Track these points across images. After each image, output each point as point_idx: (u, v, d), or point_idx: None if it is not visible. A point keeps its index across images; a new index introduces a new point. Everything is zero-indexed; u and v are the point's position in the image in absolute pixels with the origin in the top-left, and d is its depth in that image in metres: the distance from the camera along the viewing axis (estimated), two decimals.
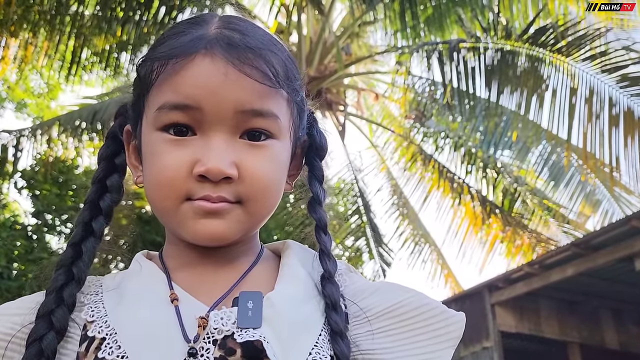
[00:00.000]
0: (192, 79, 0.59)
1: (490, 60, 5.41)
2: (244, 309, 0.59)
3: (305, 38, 6.52)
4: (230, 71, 0.59)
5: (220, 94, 0.59)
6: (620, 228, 4.56)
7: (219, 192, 0.60)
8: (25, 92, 12.19)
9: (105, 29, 6.22)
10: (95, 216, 0.67)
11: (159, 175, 0.61)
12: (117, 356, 0.56)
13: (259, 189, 0.62)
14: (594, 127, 4.97)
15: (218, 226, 0.61)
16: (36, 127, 7.23)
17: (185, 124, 0.61)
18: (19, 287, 6.89)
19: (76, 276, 0.62)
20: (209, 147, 0.59)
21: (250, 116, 0.61)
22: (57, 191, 8.17)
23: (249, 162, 0.61)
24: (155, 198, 0.64)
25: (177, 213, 0.61)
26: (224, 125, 0.60)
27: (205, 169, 0.59)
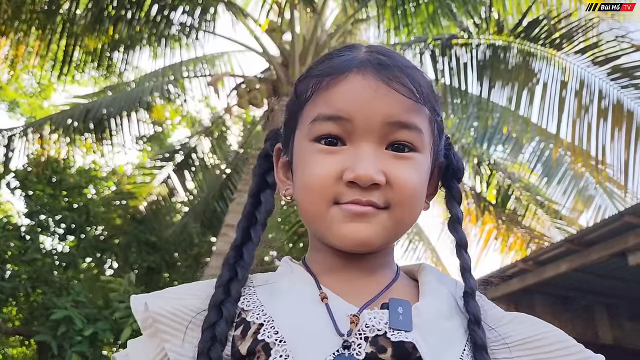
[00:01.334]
0: (345, 94, 0.66)
1: (482, 56, 5.42)
2: (395, 313, 0.62)
3: (298, 36, 6.51)
4: (380, 87, 0.65)
5: (371, 107, 0.65)
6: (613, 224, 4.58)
7: (368, 197, 0.64)
8: (17, 91, 12.11)
9: (97, 28, 6.18)
10: (252, 224, 0.74)
11: (309, 180, 0.67)
12: (275, 340, 0.61)
13: (406, 196, 0.66)
14: (582, 120, 5.00)
15: (364, 230, 0.65)
16: (28, 126, 7.19)
17: (336, 135, 0.66)
18: (12, 288, 6.85)
19: (239, 274, 0.69)
20: (358, 155, 0.64)
21: (396, 128, 0.65)
22: (51, 191, 8.12)
23: (395, 171, 0.65)
24: (305, 203, 0.68)
25: (326, 217, 0.66)
26: (372, 136, 0.65)
27: (355, 175, 0.63)
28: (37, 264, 7.26)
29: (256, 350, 0.61)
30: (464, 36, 5.46)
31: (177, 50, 6.83)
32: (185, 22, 6.36)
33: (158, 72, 7.51)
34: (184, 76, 7.53)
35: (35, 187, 8.02)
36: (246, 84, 6.52)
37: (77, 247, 8.35)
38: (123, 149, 7.50)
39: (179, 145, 8.59)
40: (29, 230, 7.87)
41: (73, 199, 8.40)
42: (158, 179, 8.42)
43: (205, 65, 7.83)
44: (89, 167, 9.14)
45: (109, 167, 10.03)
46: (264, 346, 0.61)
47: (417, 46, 5.59)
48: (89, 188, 8.93)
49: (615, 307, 5.72)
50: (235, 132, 9.72)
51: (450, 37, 5.49)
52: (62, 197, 8.36)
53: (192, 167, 8.38)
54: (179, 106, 9.01)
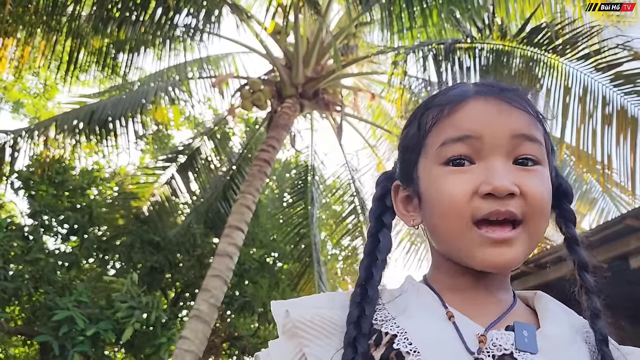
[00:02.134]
0: (470, 116, 0.69)
1: (486, 61, 5.43)
2: (520, 335, 0.65)
3: (302, 38, 6.54)
4: (502, 105, 0.69)
5: (497, 123, 0.68)
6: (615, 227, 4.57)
7: (506, 206, 0.66)
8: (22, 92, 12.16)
9: (101, 30, 6.21)
10: (374, 263, 0.76)
11: (443, 201, 0.68)
12: (409, 350, 0.64)
13: (539, 206, 0.68)
14: (587, 125, 5.00)
15: (508, 253, 0.66)
16: (33, 127, 7.23)
17: (465, 156, 0.68)
18: (15, 288, 6.88)
19: (367, 310, 0.71)
20: (490, 169, 0.67)
21: (522, 141, 0.68)
22: (54, 192, 8.16)
23: (526, 182, 0.67)
24: (442, 225, 0.70)
25: (465, 239, 0.67)
26: (501, 151, 0.68)
27: (491, 187, 0.65)
28: (39, 264, 7.29)
29: (390, 357, 0.64)
30: (467, 41, 5.48)
31: (181, 52, 6.87)
32: (189, 24, 6.39)
33: (162, 73, 7.54)
34: (188, 77, 7.56)
35: (39, 188, 8.06)
36: (250, 86, 6.55)
37: (80, 248, 8.38)
38: (127, 150, 7.52)
39: (182, 146, 8.62)
40: (32, 230, 7.91)
41: (76, 199, 8.43)
42: (161, 179, 8.45)
43: (209, 66, 7.86)
44: (92, 167, 9.18)
45: (112, 168, 10.07)
46: (397, 354, 0.64)
47: (420, 50, 5.61)
48: (92, 189, 8.96)
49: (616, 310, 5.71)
50: (238, 133, 9.75)
51: (453, 41, 5.50)
52: (65, 198, 8.40)
53: (196, 168, 8.41)
54: (182, 107, 9.05)
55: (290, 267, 9.35)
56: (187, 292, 9.70)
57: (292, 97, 6.41)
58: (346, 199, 8.68)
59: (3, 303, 6.93)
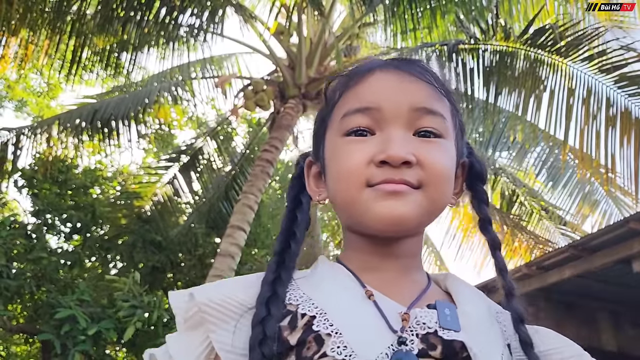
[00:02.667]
0: (371, 87, 0.70)
1: (489, 62, 5.42)
2: (443, 313, 0.64)
3: (305, 39, 6.54)
4: (404, 77, 0.70)
5: (397, 95, 0.69)
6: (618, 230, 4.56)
7: (400, 175, 0.66)
8: (25, 91, 12.19)
9: (106, 29, 6.22)
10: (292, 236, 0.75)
11: (341, 169, 0.69)
12: (331, 331, 0.61)
13: (437, 175, 0.67)
14: (591, 127, 4.99)
15: (400, 206, 0.65)
16: (36, 125, 7.24)
17: (366, 127, 0.69)
18: (18, 286, 6.89)
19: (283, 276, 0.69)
20: (388, 139, 0.67)
21: (423, 113, 0.69)
22: (57, 190, 8.17)
23: (425, 152, 0.67)
24: (339, 191, 0.70)
25: (360, 200, 0.67)
26: (400, 122, 0.68)
27: (386, 155, 0.65)
28: (42, 262, 7.30)
29: (307, 340, 0.61)
30: (471, 42, 5.47)
31: (185, 52, 6.88)
32: (193, 24, 6.40)
33: (165, 73, 7.55)
34: (191, 77, 7.57)
35: (42, 186, 8.07)
36: (253, 86, 6.54)
37: (82, 246, 8.40)
38: (129, 149, 7.53)
39: (185, 146, 8.63)
40: (35, 228, 7.92)
41: (79, 198, 8.44)
42: (164, 179, 8.46)
43: (213, 66, 7.86)
44: (94, 166, 9.20)
45: (115, 167, 10.08)
46: (316, 337, 0.61)
47: (423, 51, 5.60)
48: (95, 188, 8.98)
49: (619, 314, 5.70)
50: (241, 133, 9.76)
51: (456, 42, 5.49)
52: (68, 197, 8.41)
53: (198, 168, 8.42)
54: (185, 107, 9.06)
55: None
56: None
57: (295, 97, 6.40)
58: None
59: (5, 301, 6.94)
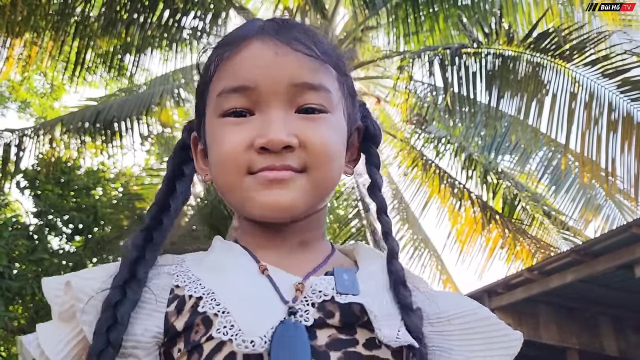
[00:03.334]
0: (246, 62, 0.64)
1: (492, 66, 5.42)
2: (341, 279, 0.61)
3: None
4: (280, 49, 0.64)
5: (273, 70, 0.63)
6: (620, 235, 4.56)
7: (282, 161, 0.62)
8: (29, 92, 12.23)
9: (109, 31, 6.24)
10: (165, 210, 0.71)
11: (220, 153, 0.65)
12: (218, 311, 0.58)
13: (322, 155, 0.64)
14: (592, 131, 4.99)
15: (283, 195, 0.62)
16: (39, 127, 7.26)
17: (243, 108, 0.64)
18: (19, 287, 6.90)
19: (147, 255, 0.65)
20: (267, 121, 0.63)
21: (304, 89, 0.64)
22: (59, 191, 8.18)
23: (308, 132, 0.63)
24: (219, 176, 0.66)
25: (242, 187, 0.64)
26: (280, 100, 0.63)
27: (265, 141, 0.61)
28: (44, 263, 7.31)
29: (195, 323, 0.58)
30: (474, 46, 5.47)
31: (188, 54, 6.90)
32: (196, 27, 6.42)
33: (168, 75, 7.57)
34: (194, 80, 7.58)
35: (44, 187, 8.09)
36: None
37: (84, 248, 8.41)
38: (132, 151, 7.55)
39: None
40: (37, 229, 7.94)
41: (81, 199, 8.46)
42: None
43: None
44: (97, 168, 9.21)
45: (117, 168, 10.10)
46: (204, 319, 0.58)
47: (426, 54, 5.61)
48: (97, 189, 8.99)
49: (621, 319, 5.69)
50: None
51: (459, 46, 5.50)
52: (70, 198, 8.43)
53: None
54: (188, 109, 9.07)
55: None
56: None
57: None
58: (350, 202, 8.68)
59: (7, 302, 6.94)
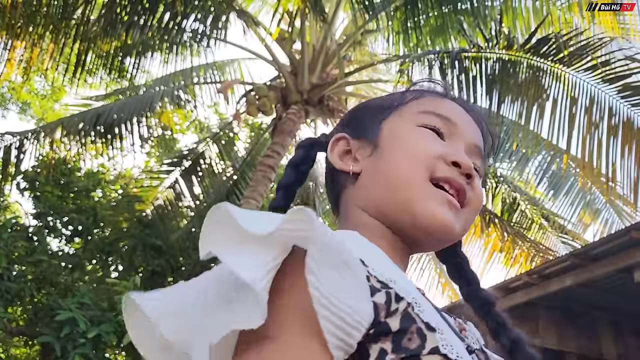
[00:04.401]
0: (447, 106, 0.76)
1: (492, 70, 5.43)
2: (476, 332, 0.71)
3: (307, 45, 6.56)
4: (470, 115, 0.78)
5: (468, 125, 0.76)
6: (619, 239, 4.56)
7: (464, 185, 0.70)
8: (30, 93, 12.24)
9: (110, 33, 6.25)
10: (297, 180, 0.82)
11: (411, 149, 0.71)
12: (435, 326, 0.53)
13: (479, 200, 0.73)
14: (593, 136, 4.99)
15: (455, 221, 0.69)
16: (39, 129, 7.27)
17: (440, 131, 0.73)
18: (18, 289, 6.89)
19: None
20: (460, 149, 0.72)
21: (477, 152, 0.76)
22: (59, 193, 8.19)
23: (474, 184, 0.73)
24: (401, 171, 0.70)
25: (421, 189, 0.68)
26: (465, 146, 0.74)
27: (459, 159, 0.70)
28: (43, 265, 7.31)
29: (409, 330, 0.52)
30: (473, 50, 5.49)
31: (188, 57, 6.91)
32: (196, 29, 6.43)
33: (168, 77, 7.59)
34: (194, 82, 7.60)
35: (44, 189, 8.09)
36: (255, 92, 6.57)
37: (83, 249, 8.40)
38: (132, 153, 7.55)
39: (187, 150, 8.65)
40: (36, 231, 7.93)
41: (81, 201, 8.46)
42: (165, 183, 8.47)
43: (216, 72, 7.89)
44: (97, 170, 9.22)
45: (117, 170, 10.10)
46: (418, 329, 0.52)
47: (426, 59, 5.62)
48: (97, 191, 8.99)
49: (619, 324, 5.68)
50: (242, 138, 9.77)
51: (459, 50, 5.51)
52: (70, 200, 8.43)
53: (199, 173, 8.43)
54: (188, 112, 9.08)
55: None
56: None
57: (298, 103, 6.42)
58: None
59: (6, 303, 6.94)
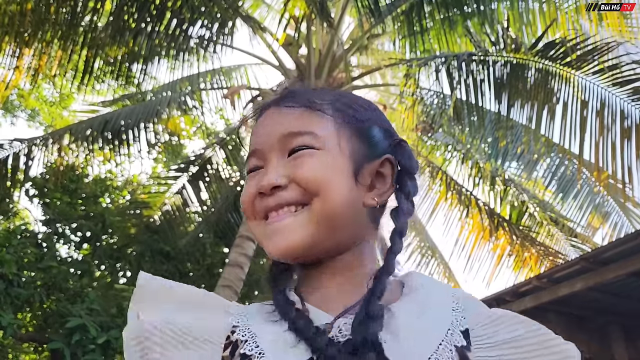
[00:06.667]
0: (258, 130, 0.78)
1: (500, 73, 5.41)
2: None
3: (314, 50, 6.57)
4: (275, 113, 0.77)
5: (271, 130, 0.76)
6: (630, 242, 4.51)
7: (276, 199, 0.71)
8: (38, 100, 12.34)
9: (117, 40, 6.30)
10: None
11: (242, 204, 0.77)
12: (255, 352, 0.66)
13: (310, 183, 0.70)
14: (606, 140, 4.95)
15: (282, 240, 0.71)
16: (47, 136, 7.32)
17: (257, 166, 0.76)
18: (28, 295, 6.93)
19: None
20: (264, 171, 0.74)
21: (291, 138, 0.73)
22: (68, 200, 8.23)
23: (297, 168, 0.71)
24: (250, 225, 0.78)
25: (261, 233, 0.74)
26: (275, 152, 0.74)
27: (259, 186, 0.72)
28: (52, 271, 7.34)
29: None
30: (481, 54, 5.47)
31: (195, 63, 6.94)
32: (203, 36, 6.46)
33: (175, 83, 7.62)
34: (201, 88, 7.63)
35: (53, 196, 8.14)
36: (262, 97, 6.58)
37: (92, 256, 8.44)
38: (139, 159, 7.59)
39: (194, 156, 8.67)
40: (46, 237, 7.98)
41: (89, 207, 8.50)
42: (172, 189, 8.50)
43: (222, 77, 7.92)
44: (105, 176, 9.26)
45: (124, 176, 10.15)
46: (243, 357, 0.66)
47: (433, 62, 5.61)
48: (105, 197, 9.04)
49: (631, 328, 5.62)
50: None
51: (466, 54, 5.50)
52: (79, 206, 8.47)
53: (207, 178, 8.45)
54: (195, 117, 9.12)
55: None
56: None
57: None
58: None
59: (15, 310, 6.98)
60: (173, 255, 8.25)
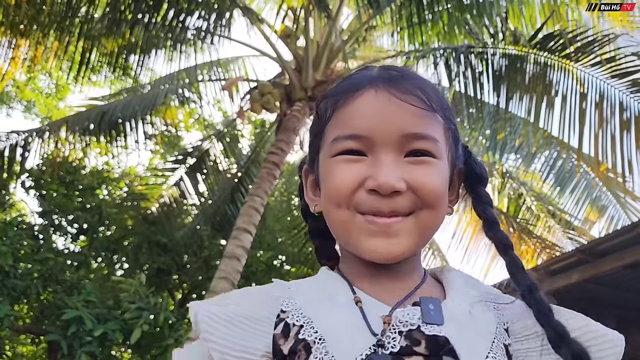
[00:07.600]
0: (360, 111, 0.69)
1: (498, 66, 5.40)
2: (427, 309, 0.66)
3: (312, 42, 6.54)
4: (392, 100, 0.68)
5: (386, 121, 0.68)
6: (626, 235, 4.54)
7: (390, 204, 0.67)
8: (34, 92, 12.28)
9: (114, 31, 6.26)
10: None
11: (332, 189, 0.70)
12: (315, 338, 0.64)
13: (429, 197, 0.68)
14: (605, 132, 4.94)
15: (390, 246, 0.68)
16: (44, 127, 7.29)
17: (356, 150, 0.69)
18: (24, 287, 6.92)
19: None
20: (379, 165, 0.67)
21: (412, 139, 0.68)
22: (64, 191, 8.21)
23: (416, 175, 0.68)
24: (331, 214, 0.72)
25: (352, 227, 0.69)
26: (391, 147, 0.68)
27: (376, 184, 0.66)
28: (49, 263, 7.33)
29: (297, 349, 0.64)
30: (479, 46, 5.45)
31: (192, 54, 6.90)
32: (200, 27, 6.42)
33: (173, 75, 7.58)
34: (198, 80, 7.59)
35: (49, 187, 8.11)
36: (260, 89, 6.56)
37: (89, 247, 8.43)
38: (136, 151, 7.57)
39: (192, 148, 8.65)
40: (42, 229, 7.96)
41: (86, 199, 8.48)
42: (170, 181, 8.48)
43: (220, 69, 7.88)
44: (102, 168, 9.24)
45: (122, 168, 10.13)
46: (305, 345, 0.64)
47: (431, 54, 5.59)
48: (102, 189, 9.01)
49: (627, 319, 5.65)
50: (247, 135, 9.77)
51: (465, 46, 5.48)
52: (75, 198, 8.45)
53: (204, 170, 8.44)
54: (192, 109, 9.09)
55: (297, 270, 9.34)
56: (194, 294, 9.72)
57: (302, 100, 6.41)
58: None
59: (12, 301, 6.97)
60: (170, 247, 8.25)
